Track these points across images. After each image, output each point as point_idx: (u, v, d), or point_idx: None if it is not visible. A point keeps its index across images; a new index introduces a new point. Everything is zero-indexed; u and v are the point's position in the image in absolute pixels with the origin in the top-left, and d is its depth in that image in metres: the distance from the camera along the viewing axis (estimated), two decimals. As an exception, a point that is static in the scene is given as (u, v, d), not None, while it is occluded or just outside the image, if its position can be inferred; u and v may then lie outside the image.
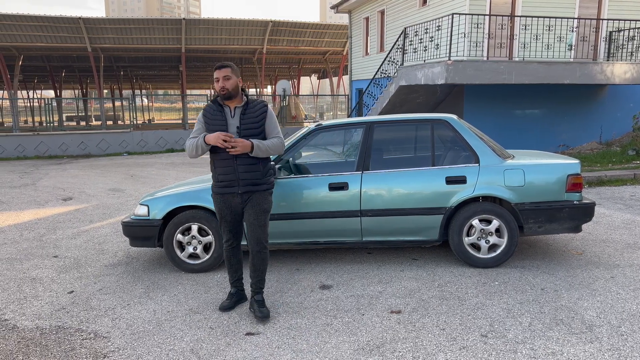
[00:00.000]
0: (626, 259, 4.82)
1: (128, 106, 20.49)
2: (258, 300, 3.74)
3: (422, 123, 4.87)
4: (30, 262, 5.19)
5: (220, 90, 3.54)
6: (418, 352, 3.14)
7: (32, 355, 3.23)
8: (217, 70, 3.56)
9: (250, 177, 3.62)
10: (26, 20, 21.11)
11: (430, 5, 13.18)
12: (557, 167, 4.65)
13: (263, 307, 3.71)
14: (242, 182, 3.61)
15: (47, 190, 9.73)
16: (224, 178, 3.62)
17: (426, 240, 4.68)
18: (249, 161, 3.60)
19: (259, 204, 3.67)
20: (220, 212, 3.73)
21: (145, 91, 47.14)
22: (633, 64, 10.91)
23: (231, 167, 3.59)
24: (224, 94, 3.55)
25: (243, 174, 3.60)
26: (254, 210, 3.67)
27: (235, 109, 3.63)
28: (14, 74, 24.29)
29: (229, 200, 3.68)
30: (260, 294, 3.77)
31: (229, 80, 3.53)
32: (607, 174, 9.06)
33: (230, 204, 3.69)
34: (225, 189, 3.65)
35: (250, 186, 3.63)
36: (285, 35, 25.54)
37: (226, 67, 3.55)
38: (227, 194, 3.67)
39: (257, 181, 3.65)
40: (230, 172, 3.60)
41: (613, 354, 3.06)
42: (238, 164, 3.59)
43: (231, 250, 3.85)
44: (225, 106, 3.64)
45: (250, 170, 3.61)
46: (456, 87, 11.98)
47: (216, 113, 3.63)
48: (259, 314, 3.65)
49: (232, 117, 3.62)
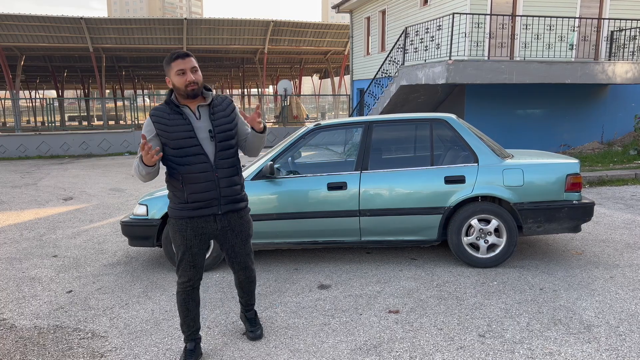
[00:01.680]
0: (626, 259, 4.80)
1: (130, 106, 20.51)
2: (250, 318, 3.37)
3: (421, 123, 4.86)
4: (29, 262, 5.20)
5: (189, 85, 2.77)
6: (415, 352, 3.14)
7: (29, 354, 3.23)
8: (178, 59, 2.75)
9: (231, 193, 2.93)
10: (28, 20, 21.18)
11: (431, 5, 13.17)
12: (557, 166, 4.63)
13: (255, 324, 3.37)
14: (223, 200, 2.91)
15: (48, 190, 9.75)
16: (200, 197, 2.85)
17: (425, 240, 4.67)
18: (229, 172, 2.92)
19: (244, 230, 3.04)
20: (186, 243, 2.91)
21: (147, 91, 47.21)
22: (634, 63, 10.88)
23: (211, 181, 2.85)
24: (194, 90, 2.79)
25: (225, 190, 2.90)
26: (239, 238, 3.04)
27: (199, 108, 2.87)
28: (16, 74, 24.36)
29: (201, 226, 2.91)
30: (251, 310, 3.38)
31: (197, 73, 2.80)
32: (608, 174, 9.03)
33: (202, 231, 2.92)
34: (199, 212, 2.87)
35: (232, 204, 2.95)
36: (286, 35, 25.57)
37: (190, 55, 2.80)
38: (200, 217, 2.90)
39: (237, 197, 2.97)
40: (211, 188, 2.86)
41: (611, 354, 3.05)
42: (220, 176, 2.87)
43: (191, 293, 3.02)
44: (183, 106, 2.84)
45: (231, 183, 2.93)
46: (457, 86, 11.96)
47: (174, 117, 2.82)
48: (251, 335, 3.32)
49: (198, 119, 2.85)
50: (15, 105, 21.02)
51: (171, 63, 2.77)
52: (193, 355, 3.05)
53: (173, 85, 2.82)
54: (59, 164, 14.45)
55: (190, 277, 2.98)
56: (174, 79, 2.79)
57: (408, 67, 11.45)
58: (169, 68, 2.79)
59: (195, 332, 3.09)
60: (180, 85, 2.78)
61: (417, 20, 13.57)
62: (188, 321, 3.05)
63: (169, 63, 2.78)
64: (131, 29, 22.96)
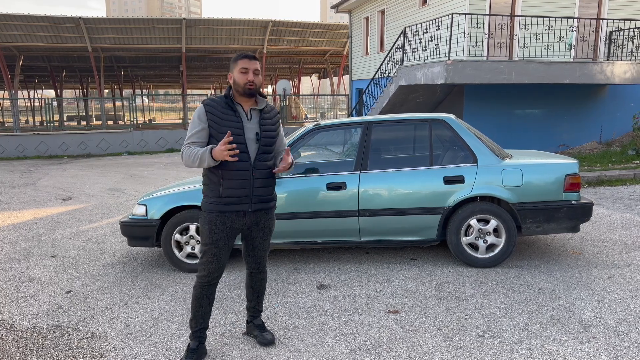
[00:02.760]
0: (624, 259, 4.81)
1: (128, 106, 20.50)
2: (259, 325, 3.35)
3: (420, 123, 4.87)
4: (28, 262, 5.19)
5: (248, 84, 2.90)
6: (415, 352, 3.14)
7: (29, 354, 3.23)
8: (245, 59, 2.91)
9: (264, 193, 3.04)
10: (27, 20, 21.15)
11: (430, 5, 13.18)
12: (555, 166, 4.64)
13: (265, 330, 3.33)
14: (255, 199, 3.01)
15: (47, 190, 9.74)
16: (234, 193, 2.95)
17: (424, 240, 4.68)
18: (266, 174, 3.02)
19: (268, 226, 3.15)
20: (213, 235, 2.99)
21: (145, 91, 47.19)
22: (633, 63, 10.89)
23: (247, 180, 2.95)
24: (251, 89, 2.91)
25: (258, 189, 3.01)
26: (262, 233, 3.14)
27: (251, 111, 3.00)
28: (15, 74, 24.32)
29: (231, 220, 3.00)
30: (259, 317, 3.38)
31: (258, 76, 2.94)
32: (607, 174, 9.05)
33: (230, 226, 3.01)
34: (231, 207, 2.97)
35: (262, 203, 3.06)
36: (285, 35, 25.56)
37: (258, 60, 2.96)
38: (232, 212, 2.99)
39: (268, 197, 3.09)
40: (245, 186, 2.96)
41: (610, 353, 3.05)
42: (256, 177, 2.98)
43: (207, 288, 3.07)
44: (237, 104, 2.98)
45: (266, 184, 3.04)
46: (456, 86, 11.97)
47: (228, 112, 2.93)
48: (262, 340, 3.27)
49: (249, 120, 2.97)
50: (14, 105, 20.99)
51: (238, 60, 2.93)
52: (194, 355, 3.06)
53: (234, 81, 2.96)
54: (57, 164, 14.43)
55: (210, 272, 3.03)
56: (236, 75, 2.93)
57: (407, 67, 11.46)
58: (235, 65, 2.94)
59: (202, 329, 3.11)
60: (241, 81, 2.91)
61: (416, 21, 13.58)
62: (198, 317, 3.08)
63: (236, 60, 2.94)
64: (130, 29, 22.93)
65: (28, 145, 16.56)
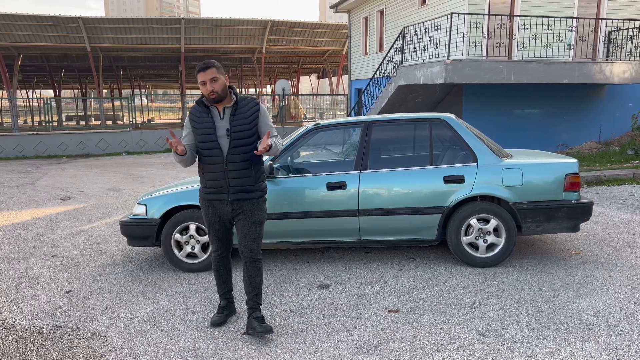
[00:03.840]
0: (624, 259, 4.82)
1: (127, 106, 20.48)
2: (257, 317, 3.40)
3: (420, 122, 4.86)
4: (28, 262, 5.18)
5: (210, 94, 3.21)
6: (415, 352, 3.14)
7: (29, 354, 3.22)
8: (201, 72, 3.20)
9: (241, 184, 3.30)
10: (25, 20, 21.11)
11: (429, 5, 13.18)
12: (555, 166, 4.65)
13: (264, 322, 3.39)
14: (233, 189, 3.30)
15: (46, 190, 9.73)
16: (213, 184, 3.32)
17: (424, 239, 4.68)
18: (240, 166, 3.30)
19: (253, 215, 3.36)
20: (208, 219, 3.44)
21: (144, 91, 47.14)
22: (632, 63, 10.91)
23: (221, 172, 3.29)
24: (214, 98, 3.22)
25: (234, 180, 3.29)
26: (248, 222, 3.35)
27: (225, 109, 3.30)
28: (13, 74, 24.28)
29: (217, 207, 3.38)
30: (258, 310, 3.44)
31: (216, 82, 3.20)
32: (606, 174, 9.05)
33: (218, 212, 3.39)
34: (213, 196, 3.35)
35: (241, 193, 3.31)
36: (284, 35, 25.54)
37: (211, 67, 3.20)
38: (215, 201, 3.36)
39: (248, 188, 3.33)
40: (220, 178, 3.30)
41: (610, 353, 3.06)
42: (229, 169, 3.28)
43: (220, 260, 3.56)
44: (213, 107, 3.31)
45: (241, 175, 3.30)
46: (455, 86, 11.97)
47: (203, 115, 3.30)
48: (260, 330, 3.32)
49: (221, 119, 3.29)
50: (13, 105, 20.96)
51: (197, 76, 3.24)
52: (224, 311, 3.63)
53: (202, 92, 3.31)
54: (56, 164, 14.42)
55: (217, 247, 3.54)
56: (200, 88, 3.26)
57: (406, 67, 11.46)
58: (198, 79, 3.25)
59: (227, 292, 3.65)
60: (204, 93, 3.27)
61: (415, 20, 13.58)
62: (220, 283, 3.63)
63: (196, 75, 3.23)
64: (129, 29, 22.90)
65: (27, 145, 16.54)
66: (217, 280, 3.63)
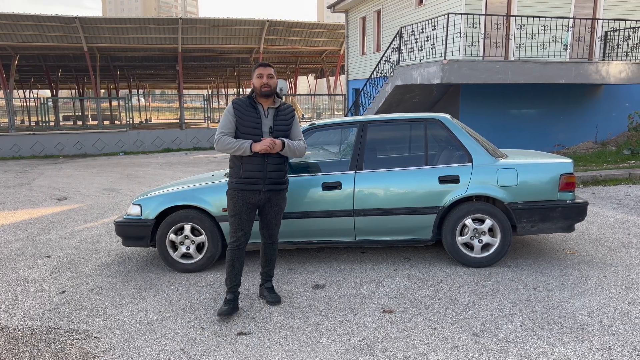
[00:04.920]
0: (619, 259, 4.83)
1: (125, 106, 20.45)
2: (268, 288, 3.98)
3: (416, 122, 4.87)
4: (22, 262, 5.17)
5: (263, 86, 3.60)
6: (409, 352, 3.14)
7: (21, 355, 3.21)
8: (261, 67, 3.62)
9: (276, 176, 3.71)
10: (22, 19, 21.04)
11: (426, 5, 13.19)
12: (550, 166, 4.65)
13: (274, 292, 3.96)
14: (268, 181, 3.68)
15: (42, 190, 9.71)
16: (251, 175, 3.65)
17: (419, 239, 4.68)
18: (278, 160, 3.71)
19: (278, 204, 3.83)
20: (236, 208, 3.70)
21: (142, 91, 47.06)
22: (628, 63, 10.93)
23: (260, 164, 3.64)
24: (266, 91, 3.61)
25: (271, 173, 3.68)
26: (274, 210, 3.81)
27: (268, 109, 3.69)
28: (10, 74, 24.21)
29: (249, 197, 3.69)
30: (270, 281, 4.02)
31: (272, 79, 3.63)
32: (602, 174, 9.07)
33: (249, 201, 3.70)
34: (248, 186, 3.67)
35: (274, 185, 3.72)
36: (282, 34, 25.52)
37: (271, 66, 3.67)
38: (249, 191, 3.68)
39: (280, 180, 3.76)
40: (259, 170, 3.64)
41: (604, 353, 3.06)
42: (268, 162, 3.66)
43: (237, 252, 3.74)
44: (258, 104, 3.68)
45: (278, 169, 3.71)
46: (452, 86, 11.98)
47: (250, 109, 3.65)
48: (270, 299, 3.88)
49: (266, 117, 3.67)
50: (9, 105, 20.90)
51: (255, 69, 3.64)
52: (230, 304, 3.71)
53: (253, 85, 3.67)
54: (53, 164, 14.38)
55: (237, 238, 3.72)
56: (254, 80, 3.63)
57: (403, 67, 11.46)
58: (253, 72, 3.64)
59: (235, 286, 3.78)
60: (257, 85, 3.62)
61: (412, 20, 13.58)
62: (232, 276, 3.75)
63: (254, 69, 3.65)
64: (126, 29, 22.83)
65: (23, 145, 16.50)
66: (229, 273, 3.76)
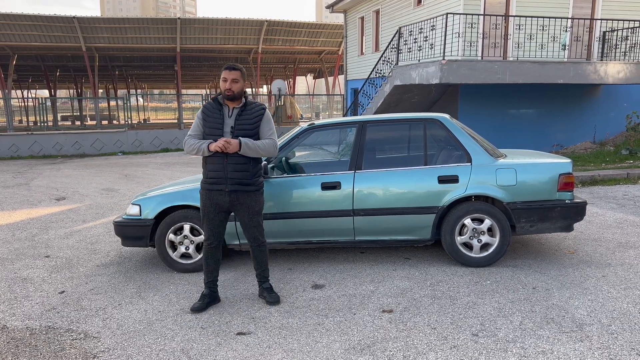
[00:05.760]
0: (618, 258, 4.84)
1: (123, 106, 20.44)
2: (267, 288, 3.97)
3: (415, 122, 4.87)
4: (21, 262, 5.16)
5: (226, 91, 3.64)
6: (409, 351, 3.14)
7: (21, 355, 3.21)
8: (227, 70, 3.65)
9: (239, 177, 3.69)
10: (20, 19, 21.01)
11: (425, 5, 13.20)
12: (549, 166, 4.66)
13: (272, 292, 3.96)
14: (230, 181, 3.69)
15: (41, 190, 9.69)
16: (213, 175, 3.70)
17: (419, 239, 4.68)
18: (239, 160, 3.67)
19: (250, 206, 3.77)
20: (204, 208, 3.78)
21: (140, 91, 47.01)
22: (626, 63, 10.94)
23: (221, 164, 3.67)
24: (229, 95, 3.65)
25: (232, 173, 3.67)
26: (246, 212, 3.78)
27: (234, 109, 3.72)
28: (8, 74, 24.18)
29: (214, 197, 3.73)
30: (267, 281, 4.00)
31: (236, 84, 3.65)
32: (601, 174, 9.09)
33: (215, 202, 3.74)
34: (212, 186, 3.72)
35: (238, 185, 3.70)
36: (280, 34, 25.52)
37: (237, 70, 3.66)
38: (213, 191, 3.72)
39: (245, 181, 3.72)
40: (219, 170, 3.67)
41: (603, 352, 3.06)
42: (228, 162, 3.66)
43: (210, 250, 3.87)
44: (225, 105, 3.73)
45: (239, 169, 3.69)
46: (451, 86, 11.99)
47: (215, 111, 3.72)
48: (270, 299, 3.89)
49: (229, 117, 3.71)
50: (7, 104, 20.87)
51: (222, 71, 3.67)
52: (205, 299, 3.86)
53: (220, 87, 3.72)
54: (51, 164, 14.36)
55: (208, 237, 3.83)
56: (220, 82, 3.67)
57: (402, 67, 11.47)
58: (221, 74, 3.67)
59: (211, 282, 3.91)
60: (222, 88, 3.68)
61: (411, 20, 13.59)
62: (207, 272, 3.91)
63: (222, 70, 3.68)
64: (124, 29, 22.82)
65: (22, 145, 16.47)
66: (205, 270, 3.91)
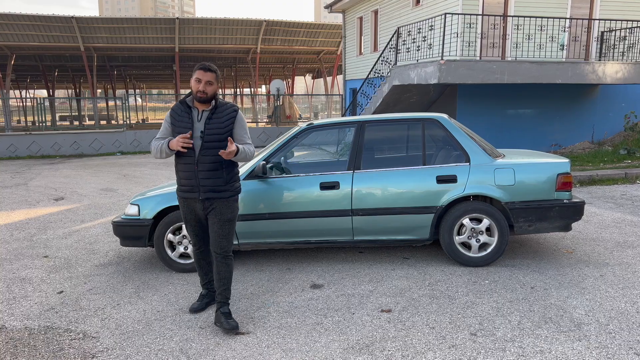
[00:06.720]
0: (616, 258, 4.85)
1: (121, 106, 20.41)
2: (225, 313, 3.52)
3: (413, 122, 4.88)
4: (20, 262, 5.16)
5: (198, 92, 3.36)
6: (407, 351, 3.15)
7: (20, 355, 3.21)
8: (201, 70, 3.36)
9: (211, 184, 3.44)
10: (19, 19, 21.00)
11: (423, 5, 13.21)
12: (547, 166, 4.67)
13: (231, 318, 3.50)
14: (203, 189, 3.45)
15: (39, 190, 9.68)
16: (186, 183, 3.49)
17: (417, 239, 4.69)
18: (210, 167, 3.43)
19: (222, 214, 3.49)
20: (184, 216, 3.64)
21: (139, 91, 46.99)
22: (624, 63, 10.97)
23: (192, 172, 3.43)
24: (201, 98, 3.38)
25: (203, 180, 3.44)
26: (217, 220, 3.50)
27: (203, 112, 3.44)
28: (6, 74, 24.16)
29: (191, 205, 3.56)
30: (226, 305, 3.57)
31: (210, 86, 3.38)
32: (599, 173, 9.10)
33: (192, 209, 3.58)
34: (186, 194, 3.53)
35: (211, 192, 3.46)
36: (279, 34, 25.54)
37: (212, 71, 3.39)
38: (189, 199, 3.54)
39: (218, 188, 3.46)
40: (191, 177, 3.45)
41: (601, 351, 3.07)
42: (199, 169, 3.42)
43: (200, 254, 3.78)
44: (194, 108, 3.46)
45: (211, 176, 3.44)
46: (449, 86, 12.01)
47: (183, 115, 3.45)
48: (227, 326, 3.43)
49: (199, 121, 3.43)
50: (6, 104, 20.83)
51: (195, 70, 3.39)
52: (204, 299, 3.86)
53: (191, 87, 3.43)
54: (50, 164, 14.34)
55: (195, 242, 3.75)
56: (192, 83, 3.41)
57: (400, 67, 11.48)
58: (193, 73, 3.40)
59: (207, 283, 3.87)
60: (194, 89, 3.39)
61: (409, 20, 13.60)
62: (201, 274, 3.87)
63: (194, 70, 3.40)
64: (123, 29, 22.82)
65: (20, 145, 16.44)
66: (199, 272, 3.88)
